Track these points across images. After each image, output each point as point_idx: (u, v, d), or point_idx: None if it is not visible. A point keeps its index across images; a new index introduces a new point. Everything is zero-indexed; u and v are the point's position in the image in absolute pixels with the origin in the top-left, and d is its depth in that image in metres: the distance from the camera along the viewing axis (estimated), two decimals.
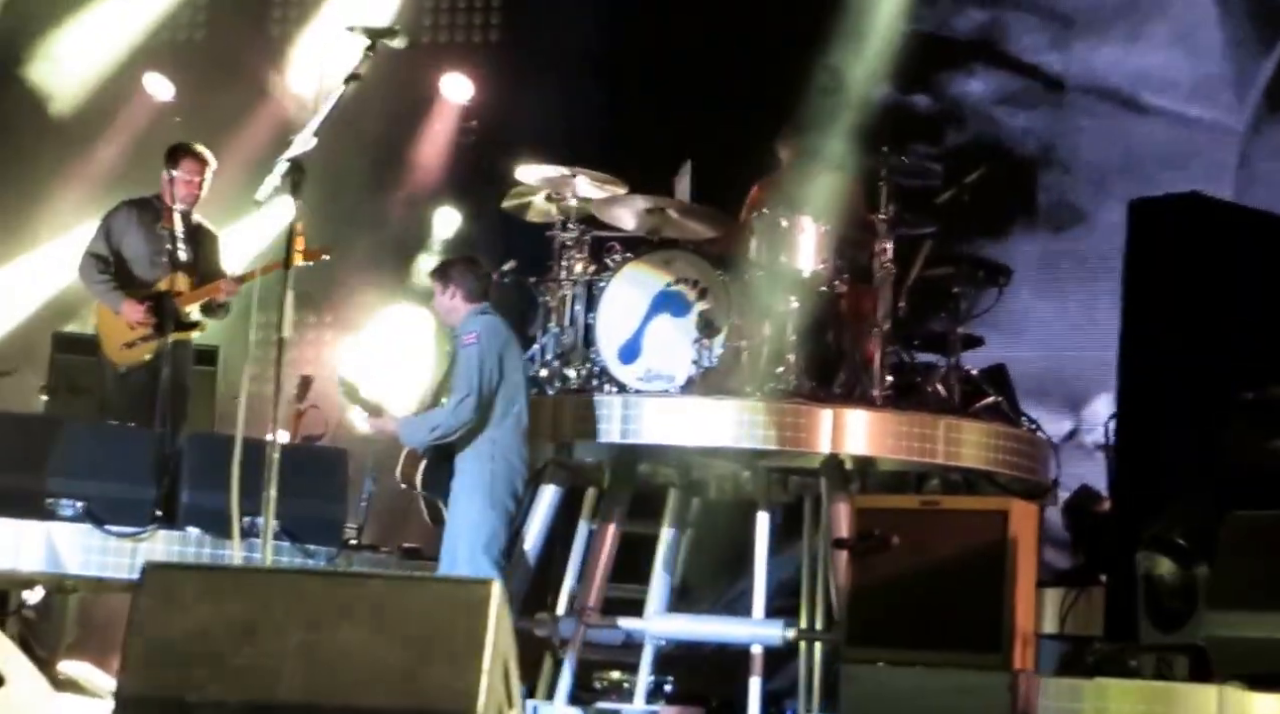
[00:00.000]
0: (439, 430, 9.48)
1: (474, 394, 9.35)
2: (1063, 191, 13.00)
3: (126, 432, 9.83)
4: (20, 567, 9.20)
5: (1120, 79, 12.95)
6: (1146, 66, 12.87)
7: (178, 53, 14.40)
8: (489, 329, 9.50)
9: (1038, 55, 13.24)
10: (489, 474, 9.34)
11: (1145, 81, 12.88)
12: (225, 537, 9.29)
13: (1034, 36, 13.25)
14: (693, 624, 10.57)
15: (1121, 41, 12.94)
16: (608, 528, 10.24)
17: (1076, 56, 13.14)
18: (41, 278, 13.34)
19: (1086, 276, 12.46)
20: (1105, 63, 13.01)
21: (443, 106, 14.15)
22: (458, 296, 9.64)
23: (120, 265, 10.56)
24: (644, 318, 10.10)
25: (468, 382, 9.38)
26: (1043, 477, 10.30)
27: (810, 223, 10.16)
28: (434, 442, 9.55)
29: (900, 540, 8.39)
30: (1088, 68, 13.10)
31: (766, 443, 9.72)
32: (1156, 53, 12.84)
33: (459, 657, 5.58)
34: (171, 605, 5.81)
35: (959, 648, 8.15)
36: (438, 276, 9.78)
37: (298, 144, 7.81)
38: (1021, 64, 13.30)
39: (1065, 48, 13.19)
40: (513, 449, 9.43)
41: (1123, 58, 12.96)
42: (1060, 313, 12.55)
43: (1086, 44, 13.10)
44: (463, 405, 9.38)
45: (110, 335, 10.49)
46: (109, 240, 10.59)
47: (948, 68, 13.32)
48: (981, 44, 13.33)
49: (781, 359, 9.96)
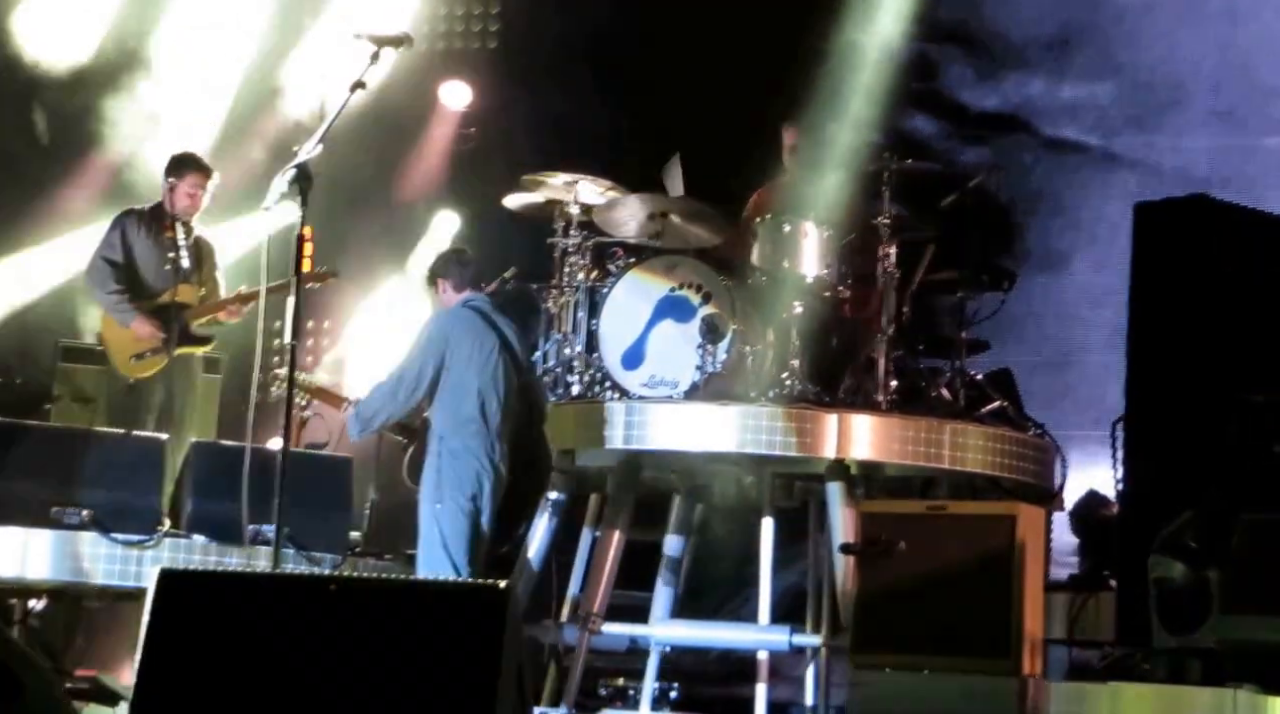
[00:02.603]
0: (359, 416, 9.41)
1: (390, 381, 9.30)
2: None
3: (132, 440, 9.80)
4: (27, 575, 9.20)
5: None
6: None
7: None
8: (449, 319, 9.35)
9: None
10: (435, 471, 9.21)
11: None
12: (231, 544, 9.30)
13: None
14: (698, 630, 10.58)
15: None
16: (612, 534, 10.21)
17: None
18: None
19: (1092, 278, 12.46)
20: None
21: (442, 113, 14.13)
22: (448, 290, 9.57)
23: (130, 272, 10.58)
24: (647, 323, 10.10)
25: (397, 368, 9.35)
26: (1049, 481, 10.30)
27: (813, 227, 10.16)
28: (364, 430, 9.48)
29: (907, 545, 8.37)
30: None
31: (771, 448, 9.71)
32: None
33: (472, 664, 5.56)
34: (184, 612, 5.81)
35: (966, 653, 8.13)
36: (429, 279, 9.73)
37: (304, 151, 7.80)
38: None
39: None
40: (460, 446, 9.14)
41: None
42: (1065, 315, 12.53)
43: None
44: (378, 389, 9.37)
45: (118, 348, 10.51)
46: (123, 246, 10.60)
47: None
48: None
49: (786, 364, 9.97)
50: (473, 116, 14.08)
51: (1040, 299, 12.29)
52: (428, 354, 9.23)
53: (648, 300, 10.10)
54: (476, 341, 9.27)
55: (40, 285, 12.90)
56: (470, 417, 9.16)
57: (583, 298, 10.36)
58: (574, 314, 10.40)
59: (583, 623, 10.10)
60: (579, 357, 10.30)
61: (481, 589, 5.85)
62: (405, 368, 9.28)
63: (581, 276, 10.42)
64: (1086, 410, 11.63)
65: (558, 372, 10.38)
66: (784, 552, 10.74)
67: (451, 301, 9.51)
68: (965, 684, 8.06)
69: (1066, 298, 12.45)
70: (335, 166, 11.25)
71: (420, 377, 9.21)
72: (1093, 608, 9.39)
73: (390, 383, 9.32)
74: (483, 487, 9.13)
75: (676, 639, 10.46)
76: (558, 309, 10.54)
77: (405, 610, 5.77)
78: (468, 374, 9.20)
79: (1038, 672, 8.21)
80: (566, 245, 10.54)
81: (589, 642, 10.09)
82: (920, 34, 11.88)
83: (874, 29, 11.69)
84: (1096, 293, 12.20)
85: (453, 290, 9.52)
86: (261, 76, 13.44)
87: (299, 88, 13.47)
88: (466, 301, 9.46)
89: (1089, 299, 12.27)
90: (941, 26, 12.58)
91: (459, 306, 9.44)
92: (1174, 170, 12.53)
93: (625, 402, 9.93)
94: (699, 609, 11.22)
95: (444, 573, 9.03)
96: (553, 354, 10.53)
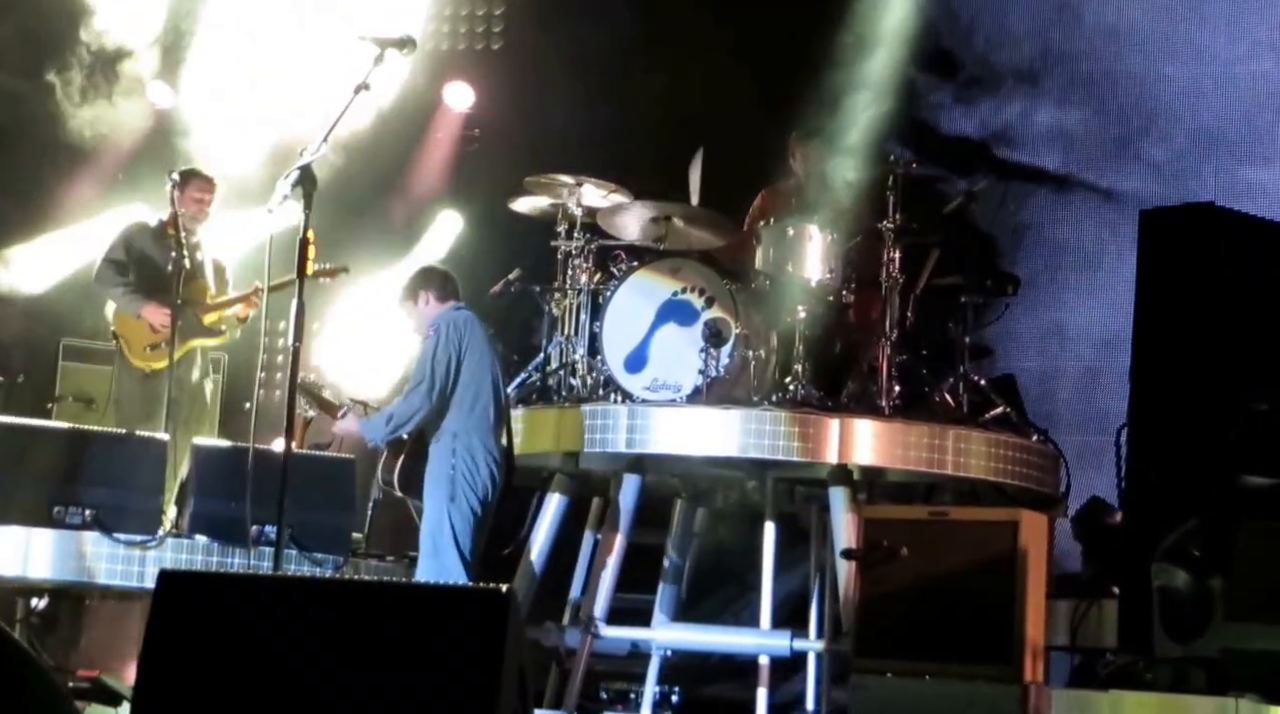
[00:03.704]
0: (394, 421, 9.50)
1: (425, 381, 9.38)
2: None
3: (134, 439, 9.82)
4: (29, 574, 9.23)
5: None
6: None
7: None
8: (453, 322, 9.50)
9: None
10: (449, 468, 9.32)
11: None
12: (233, 544, 9.31)
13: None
14: (699, 634, 10.56)
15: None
16: (613, 537, 10.20)
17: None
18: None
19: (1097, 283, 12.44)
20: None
21: (445, 114, 14.11)
22: (431, 301, 9.67)
23: (138, 275, 10.67)
24: (650, 327, 10.08)
25: (420, 370, 9.44)
26: (1052, 487, 10.29)
27: (817, 231, 10.14)
28: (392, 433, 9.56)
29: (909, 551, 8.35)
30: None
31: (773, 453, 9.70)
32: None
33: (474, 667, 5.55)
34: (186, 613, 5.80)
35: (968, 659, 8.10)
36: (407, 294, 9.80)
37: (308, 153, 7.80)
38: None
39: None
40: (477, 444, 9.36)
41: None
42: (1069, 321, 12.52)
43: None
44: (414, 393, 9.44)
45: (133, 340, 10.66)
46: (127, 250, 10.73)
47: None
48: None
49: (789, 368, 9.96)
50: (476, 118, 14.06)
51: (1044, 304, 12.26)
52: (450, 349, 9.39)
53: (651, 303, 10.08)
54: (481, 343, 9.46)
55: (43, 281, 12.91)
56: (482, 416, 9.31)
57: (585, 301, 10.36)
58: (576, 317, 10.39)
59: (585, 626, 10.10)
60: (581, 360, 10.29)
61: (484, 592, 5.84)
62: (431, 368, 9.41)
63: (584, 279, 10.41)
64: (1090, 417, 11.63)
65: (560, 374, 10.38)
66: (786, 556, 10.72)
67: (436, 311, 9.60)
68: (967, 690, 8.03)
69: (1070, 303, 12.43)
70: (339, 168, 11.30)
71: (448, 372, 9.42)
72: (1095, 615, 9.39)
73: (423, 389, 9.37)
74: (492, 488, 9.27)
75: (678, 643, 10.45)
76: (560, 312, 10.53)
77: (407, 613, 5.76)
78: (478, 373, 9.42)
79: (1039, 678, 8.18)
80: (570, 248, 10.52)
81: (590, 645, 10.09)
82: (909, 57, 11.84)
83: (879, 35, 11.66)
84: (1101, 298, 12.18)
85: (436, 300, 9.65)
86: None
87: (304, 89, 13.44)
88: (458, 307, 9.60)
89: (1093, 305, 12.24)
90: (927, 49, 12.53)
91: (459, 312, 9.57)
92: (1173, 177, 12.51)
93: (628, 405, 9.91)
94: (700, 613, 11.21)
95: (450, 568, 9.09)
96: (555, 357, 10.52)
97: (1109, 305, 11.99)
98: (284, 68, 12.60)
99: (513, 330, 11.48)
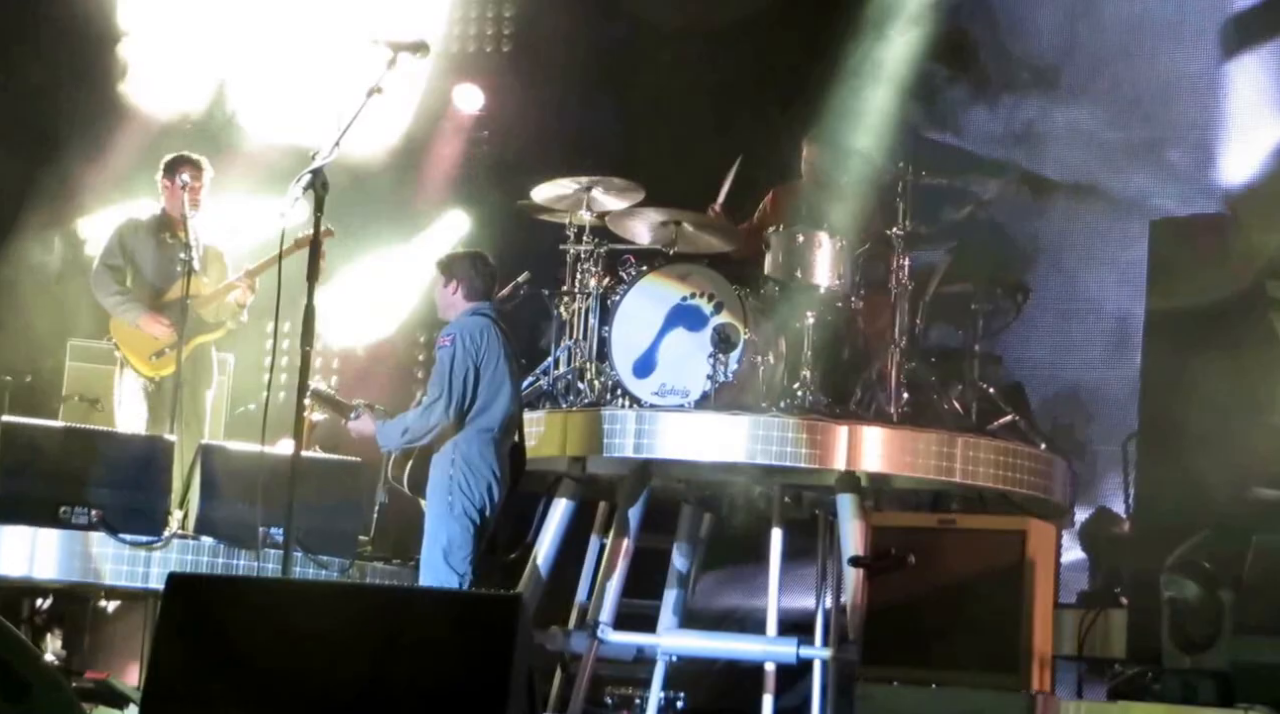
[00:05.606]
0: (409, 433, 9.33)
1: (443, 397, 9.19)
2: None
3: (141, 440, 9.81)
4: (35, 574, 9.22)
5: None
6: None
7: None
8: (469, 331, 9.28)
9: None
10: (447, 479, 9.21)
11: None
12: (239, 546, 9.30)
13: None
14: (705, 640, 10.52)
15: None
16: (620, 542, 10.18)
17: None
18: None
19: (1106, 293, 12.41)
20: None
21: (455, 117, 14.08)
22: (459, 292, 9.47)
23: (135, 276, 10.59)
24: (659, 331, 10.06)
25: (439, 384, 9.23)
26: (1060, 497, 10.26)
27: (827, 238, 10.13)
28: (406, 444, 9.43)
29: (916, 559, 8.33)
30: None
31: (781, 459, 9.68)
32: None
33: (483, 672, 5.55)
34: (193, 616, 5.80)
35: (975, 668, 8.09)
36: (443, 269, 9.61)
37: (320, 156, 7.79)
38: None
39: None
40: (476, 454, 9.19)
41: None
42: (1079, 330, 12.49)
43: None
44: (432, 408, 9.23)
45: (135, 349, 10.50)
46: (123, 251, 10.61)
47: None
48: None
49: (797, 375, 9.95)
50: (485, 120, 14.04)
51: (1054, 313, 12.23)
52: (467, 362, 9.18)
53: (660, 308, 10.07)
54: (497, 353, 9.27)
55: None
56: (486, 426, 9.18)
57: (594, 305, 10.34)
58: (585, 321, 10.37)
59: (590, 631, 10.08)
60: (590, 364, 10.27)
61: (493, 599, 5.85)
62: (449, 383, 9.19)
63: (593, 283, 10.40)
64: (1099, 426, 11.60)
65: (568, 378, 10.36)
66: (792, 563, 10.70)
67: (458, 304, 9.43)
68: (973, 699, 8.02)
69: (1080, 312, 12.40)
70: (349, 170, 11.27)
71: (465, 387, 9.18)
72: (1102, 625, 9.37)
73: (440, 405, 9.20)
74: (491, 499, 9.15)
75: (683, 649, 10.43)
76: (569, 316, 10.52)
77: (416, 618, 5.76)
78: (492, 384, 9.23)
79: (1046, 688, 8.17)
80: (579, 251, 10.51)
81: (596, 650, 10.07)
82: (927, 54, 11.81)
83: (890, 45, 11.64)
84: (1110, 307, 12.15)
85: (464, 297, 9.43)
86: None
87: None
88: (478, 310, 9.40)
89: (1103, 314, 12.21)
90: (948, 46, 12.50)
91: (478, 318, 9.32)
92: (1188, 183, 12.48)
93: (636, 410, 9.89)
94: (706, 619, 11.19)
95: (444, 577, 9.03)
96: (564, 361, 10.50)
97: (1119, 314, 11.96)
98: (300, 72, 12.54)
99: (521, 334, 11.43)
